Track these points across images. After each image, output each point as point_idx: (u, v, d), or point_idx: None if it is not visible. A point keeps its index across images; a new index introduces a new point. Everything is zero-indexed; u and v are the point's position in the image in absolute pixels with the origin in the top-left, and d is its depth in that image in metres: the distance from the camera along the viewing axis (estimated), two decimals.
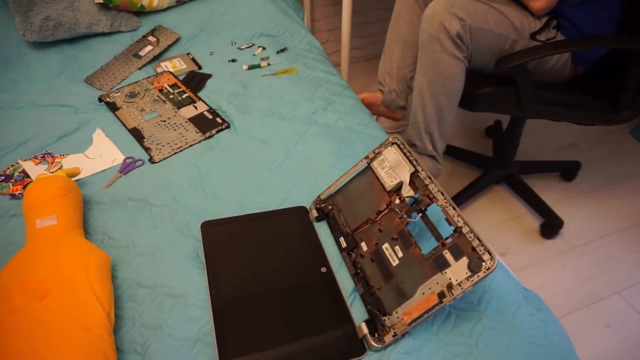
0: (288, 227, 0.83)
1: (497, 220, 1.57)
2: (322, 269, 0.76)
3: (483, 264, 0.63)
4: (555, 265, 1.43)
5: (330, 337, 0.67)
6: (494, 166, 1.62)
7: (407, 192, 0.76)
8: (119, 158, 0.99)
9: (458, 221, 0.68)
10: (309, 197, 0.90)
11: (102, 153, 1.00)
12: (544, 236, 1.52)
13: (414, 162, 0.77)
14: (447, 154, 1.78)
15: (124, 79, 1.23)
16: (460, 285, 0.63)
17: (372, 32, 2.27)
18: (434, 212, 0.86)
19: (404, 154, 0.79)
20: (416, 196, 0.75)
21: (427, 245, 0.79)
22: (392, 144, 0.82)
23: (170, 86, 1.20)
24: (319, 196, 0.88)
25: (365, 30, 2.24)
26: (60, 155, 0.99)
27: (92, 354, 0.59)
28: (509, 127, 1.51)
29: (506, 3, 1.18)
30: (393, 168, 0.80)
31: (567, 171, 1.71)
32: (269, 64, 1.28)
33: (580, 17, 1.17)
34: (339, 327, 0.69)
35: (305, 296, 0.72)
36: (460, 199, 1.56)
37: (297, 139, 1.02)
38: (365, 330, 0.67)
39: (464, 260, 0.65)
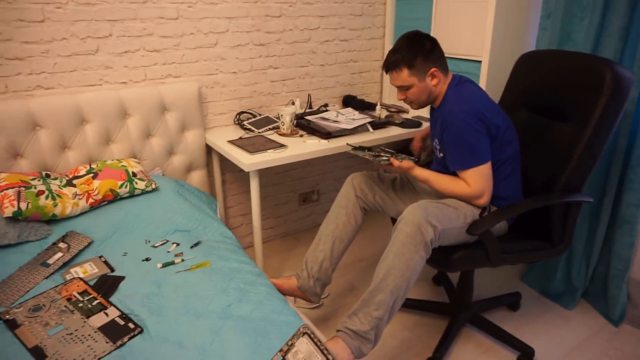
0: None
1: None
2: None
3: None
4: None
5: None
6: (457, 311, 1.76)
7: None
8: None
9: None
10: None
11: None
12: None
13: (325, 352, 0.82)
14: (409, 307, 1.91)
15: (28, 291, 1.19)
16: None
17: (283, 212, 2.46)
18: None
19: (315, 343, 0.84)
20: None
21: None
22: (304, 334, 0.87)
23: (80, 293, 1.18)
24: None
25: (277, 211, 2.43)
26: None
27: None
28: (463, 277, 1.71)
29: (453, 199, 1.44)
30: (306, 359, 0.83)
31: (513, 303, 1.94)
32: (183, 260, 1.33)
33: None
34: None
35: None
36: (442, 350, 1.62)
37: (213, 337, 1.03)
38: None
39: None
